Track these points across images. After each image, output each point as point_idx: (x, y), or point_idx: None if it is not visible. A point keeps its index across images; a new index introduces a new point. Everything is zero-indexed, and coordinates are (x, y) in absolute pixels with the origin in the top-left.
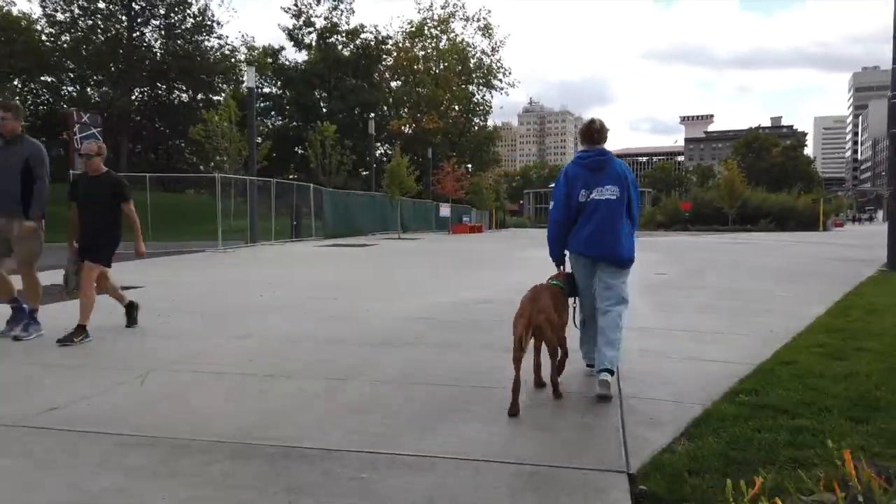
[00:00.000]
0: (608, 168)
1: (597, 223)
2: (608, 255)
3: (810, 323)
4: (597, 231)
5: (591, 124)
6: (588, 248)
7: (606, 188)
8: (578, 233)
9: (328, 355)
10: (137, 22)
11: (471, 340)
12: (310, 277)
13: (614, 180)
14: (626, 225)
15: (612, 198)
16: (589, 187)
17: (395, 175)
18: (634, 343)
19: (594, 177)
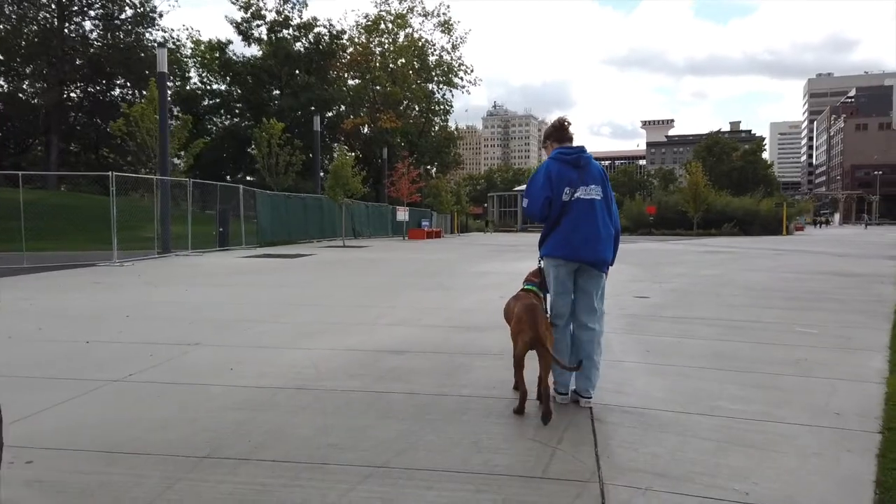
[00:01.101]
0: (590, 166)
1: (583, 225)
2: (594, 258)
3: (885, 392)
4: (583, 233)
5: (565, 122)
6: (574, 251)
7: (591, 187)
8: (562, 235)
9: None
10: (72, 11)
11: (338, 461)
12: (195, 305)
13: (596, 180)
14: (609, 227)
15: (598, 198)
16: (574, 186)
17: (339, 176)
18: (625, 454)
19: (579, 175)
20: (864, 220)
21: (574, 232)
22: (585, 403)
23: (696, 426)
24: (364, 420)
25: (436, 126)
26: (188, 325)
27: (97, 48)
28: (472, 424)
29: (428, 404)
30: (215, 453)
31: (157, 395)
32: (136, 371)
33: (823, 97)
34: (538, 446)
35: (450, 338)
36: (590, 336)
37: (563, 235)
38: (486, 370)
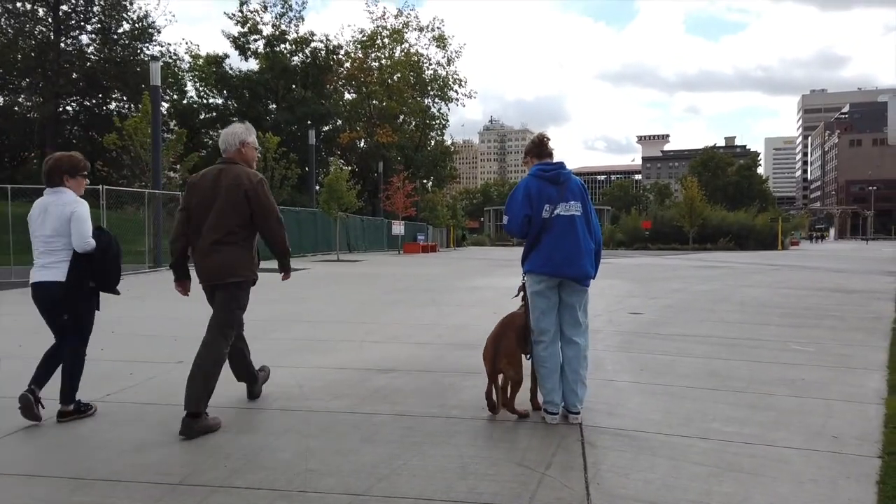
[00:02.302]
0: (569, 182)
1: (565, 241)
2: (576, 273)
3: (884, 414)
4: (565, 250)
5: (545, 138)
6: (557, 268)
7: (571, 203)
8: (544, 252)
9: None
10: (69, 26)
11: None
12: (182, 320)
13: (576, 195)
14: (589, 242)
15: (577, 213)
16: (553, 202)
17: (334, 190)
18: (616, 480)
19: (559, 191)
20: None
21: (556, 249)
22: (574, 420)
23: (689, 450)
24: (348, 443)
25: (432, 140)
26: (173, 342)
27: (94, 62)
28: (460, 448)
29: (414, 426)
30: (189, 479)
31: (135, 417)
32: (114, 391)
33: (817, 113)
34: (526, 472)
35: (440, 356)
36: (575, 351)
37: (546, 252)
38: (477, 390)
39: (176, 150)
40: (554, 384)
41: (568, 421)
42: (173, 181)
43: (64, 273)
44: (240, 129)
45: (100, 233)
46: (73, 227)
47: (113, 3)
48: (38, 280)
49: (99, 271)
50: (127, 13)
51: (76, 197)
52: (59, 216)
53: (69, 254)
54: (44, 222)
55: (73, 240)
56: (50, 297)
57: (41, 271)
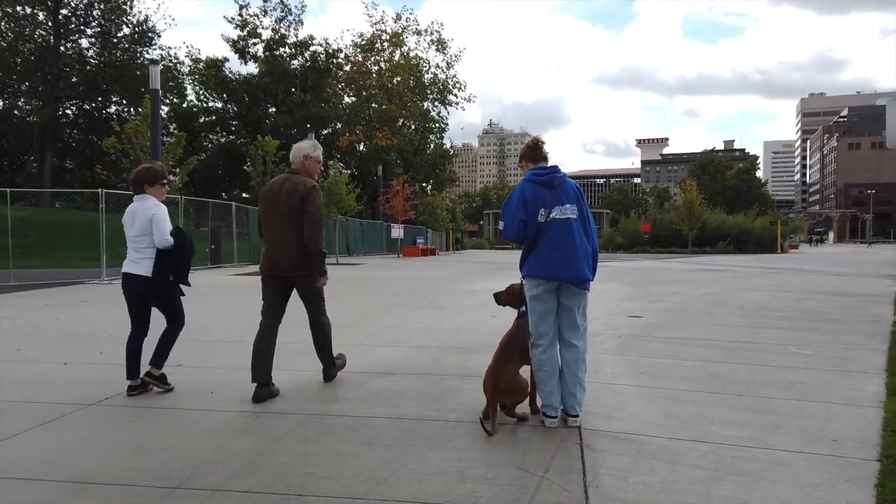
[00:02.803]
0: (564, 186)
1: (562, 244)
2: (574, 277)
3: (883, 417)
4: (562, 253)
5: (539, 142)
6: (555, 271)
7: (567, 207)
8: (541, 256)
9: None
10: (69, 29)
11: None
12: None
13: (571, 199)
14: (586, 245)
15: (573, 216)
16: (548, 206)
17: (333, 193)
18: (615, 483)
19: (553, 195)
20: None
21: (553, 252)
22: (573, 423)
23: (689, 453)
24: (346, 446)
25: (431, 143)
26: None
27: (93, 66)
28: (458, 451)
29: (413, 429)
30: (187, 483)
31: (133, 420)
32: (113, 394)
33: (816, 116)
34: (525, 475)
35: (439, 359)
36: (574, 354)
37: (543, 256)
38: (476, 393)
39: (175, 154)
40: (552, 388)
41: (567, 424)
42: (173, 185)
43: (148, 269)
44: (305, 145)
45: (177, 232)
46: (154, 227)
47: (113, 6)
48: (126, 271)
49: (174, 265)
50: (127, 17)
51: (157, 202)
52: (143, 219)
53: (153, 251)
54: (132, 224)
55: (154, 238)
56: (135, 287)
57: (130, 265)
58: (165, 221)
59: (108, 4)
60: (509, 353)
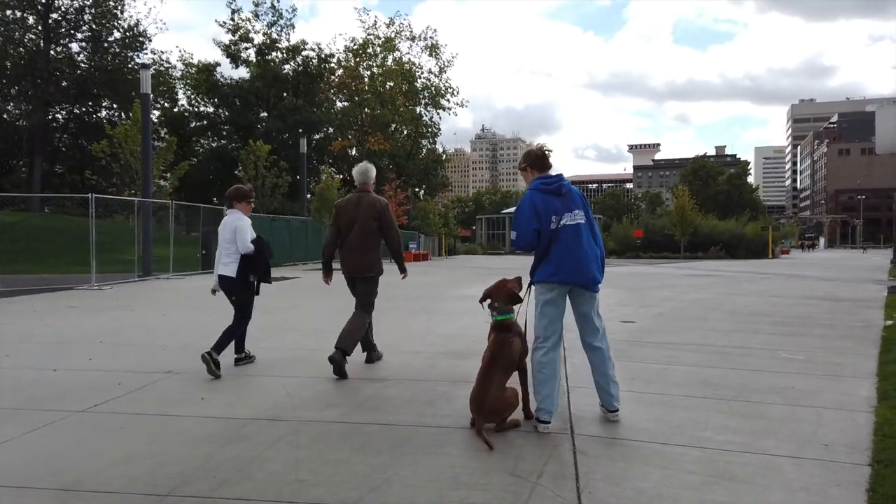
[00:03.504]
0: (571, 193)
1: (573, 249)
2: (586, 280)
3: (874, 422)
4: (574, 257)
5: (544, 151)
6: (568, 276)
7: (576, 213)
8: (553, 262)
9: None
10: (59, 33)
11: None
12: (171, 330)
13: (578, 204)
14: (595, 249)
15: (581, 222)
16: (559, 213)
17: (325, 198)
18: (607, 489)
19: (563, 202)
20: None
21: (565, 257)
22: (613, 418)
23: (681, 458)
24: (339, 453)
25: (423, 148)
26: (162, 352)
27: (84, 70)
28: (451, 457)
29: (406, 436)
30: (177, 490)
31: (122, 427)
32: (102, 401)
33: (806, 122)
34: (518, 481)
35: (432, 364)
36: (600, 355)
37: (555, 262)
38: (468, 399)
39: (166, 158)
40: (549, 391)
41: (609, 420)
42: (163, 189)
43: (234, 270)
44: (374, 171)
45: (257, 240)
46: (238, 236)
47: (104, 11)
48: (219, 273)
49: (255, 267)
50: (118, 21)
51: (241, 215)
52: (230, 229)
53: (238, 256)
54: (223, 233)
55: (237, 245)
56: (227, 285)
57: (221, 267)
58: (246, 231)
59: (99, 9)
60: (491, 376)
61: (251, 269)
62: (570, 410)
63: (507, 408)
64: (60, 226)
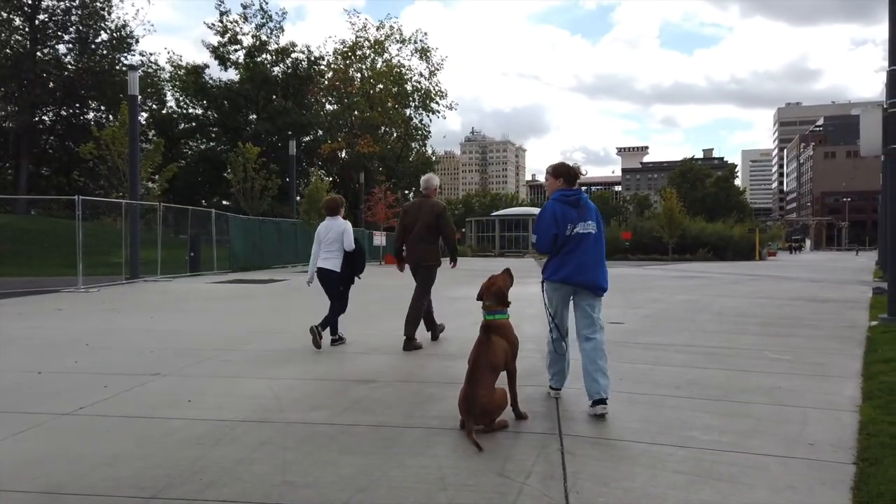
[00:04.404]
0: (587, 205)
1: (582, 255)
2: (591, 283)
3: (858, 421)
4: (582, 262)
5: (573, 168)
6: (574, 277)
7: (588, 223)
8: (564, 263)
9: None
10: (46, 35)
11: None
12: (158, 332)
13: (591, 216)
14: (602, 256)
15: (593, 231)
16: (574, 222)
17: (315, 200)
18: (595, 489)
19: (579, 213)
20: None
21: (572, 260)
22: (600, 410)
23: (668, 458)
24: (326, 455)
25: (413, 151)
26: (149, 355)
27: (71, 71)
28: (439, 458)
29: (394, 437)
30: (163, 493)
31: (109, 430)
32: (88, 404)
33: (793, 125)
34: (506, 482)
35: (421, 365)
36: (592, 345)
37: (564, 263)
38: (457, 400)
39: (154, 161)
40: (558, 370)
41: (595, 411)
42: (152, 192)
43: (337, 265)
44: (436, 180)
45: (356, 241)
46: (345, 237)
47: (91, 12)
48: (323, 266)
49: (356, 262)
50: (105, 23)
51: (346, 221)
52: (336, 232)
53: (341, 253)
54: (327, 234)
55: (344, 244)
56: (330, 277)
57: (325, 262)
58: (351, 234)
59: (86, 10)
60: (478, 377)
61: (352, 264)
62: (559, 412)
63: (496, 409)
64: (47, 228)
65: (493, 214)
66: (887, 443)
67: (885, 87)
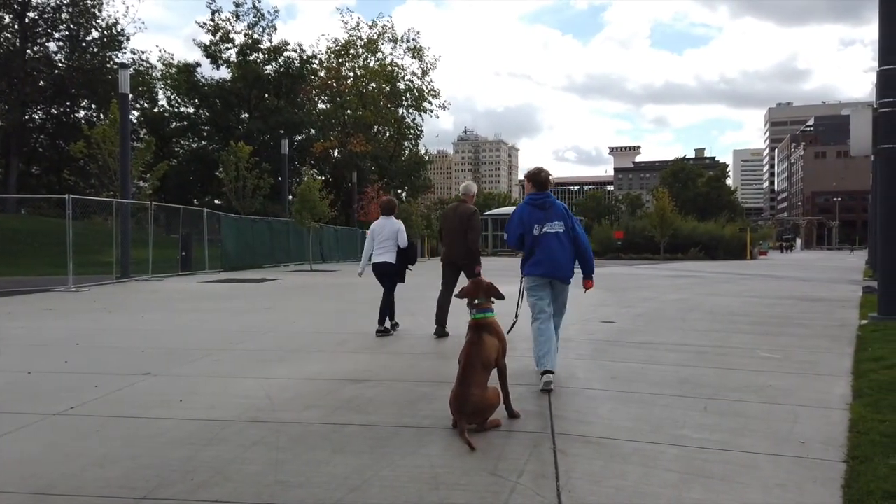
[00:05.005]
0: (554, 207)
1: (550, 251)
2: (560, 274)
3: (849, 419)
4: (554, 259)
5: (541, 173)
6: (544, 270)
7: (555, 223)
8: (535, 260)
9: None
10: (35, 33)
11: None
12: (149, 332)
13: (559, 216)
14: (571, 251)
15: (560, 230)
16: (541, 223)
17: (307, 199)
18: (587, 487)
19: (546, 215)
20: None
21: (545, 257)
22: (547, 378)
23: (660, 456)
24: (318, 454)
25: (406, 150)
26: (140, 354)
27: (61, 69)
28: (432, 457)
29: (387, 436)
30: (154, 493)
31: (99, 430)
32: (78, 404)
33: (783, 125)
34: (498, 481)
35: (413, 365)
36: (558, 322)
37: (538, 260)
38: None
39: (145, 159)
40: (545, 351)
41: (542, 381)
42: (143, 191)
43: (392, 258)
44: (473, 188)
45: (409, 238)
46: (399, 235)
47: (81, 10)
48: (379, 261)
49: (407, 256)
50: (96, 20)
51: (398, 221)
52: (391, 230)
53: (395, 248)
54: (382, 232)
55: (398, 241)
56: (386, 269)
57: (381, 257)
58: (405, 232)
59: (77, 8)
60: (470, 375)
61: (404, 257)
62: (551, 410)
63: (489, 408)
64: (37, 227)
65: (486, 214)
66: (877, 440)
67: (874, 87)
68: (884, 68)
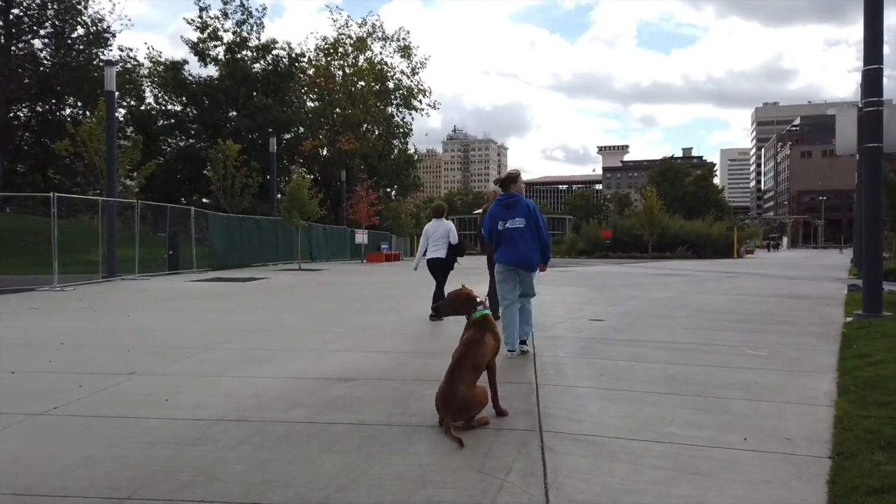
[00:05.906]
0: (517, 206)
1: (511, 243)
2: (523, 263)
3: (834, 415)
4: (512, 248)
5: (506, 179)
6: (509, 259)
7: (517, 220)
8: (501, 251)
9: None
10: (21, 30)
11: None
12: (135, 331)
13: (521, 214)
14: (532, 243)
15: (521, 226)
16: (504, 219)
17: (296, 198)
18: (575, 485)
19: (510, 213)
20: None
21: (509, 248)
22: (525, 348)
23: (647, 453)
24: (305, 453)
25: (395, 149)
26: (126, 353)
27: (47, 67)
28: (419, 456)
29: (374, 435)
30: (138, 494)
31: (83, 430)
32: (62, 403)
33: (770, 125)
34: (486, 479)
35: (401, 363)
36: (527, 301)
37: (503, 251)
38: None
39: (132, 158)
40: (511, 332)
41: (522, 348)
42: (129, 189)
43: (444, 253)
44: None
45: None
46: (451, 234)
47: (67, 6)
48: (433, 256)
49: (457, 251)
50: (81, 17)
51: (448, 221)
52: (444, 230)
53: (447, 245)
54: (436, 232)
55: (451, 239)
56: (439, 263)
57: (434, 253)
58: (455, 231)
59: (62, 4)
60: (459, 373)
61: (454, 253)
62: (539, 408)
63: (476, 405)
64: (21, 226)
65: (475, 213)
66: (862, 436)
67: (859, 86)
68: (868, 68)
